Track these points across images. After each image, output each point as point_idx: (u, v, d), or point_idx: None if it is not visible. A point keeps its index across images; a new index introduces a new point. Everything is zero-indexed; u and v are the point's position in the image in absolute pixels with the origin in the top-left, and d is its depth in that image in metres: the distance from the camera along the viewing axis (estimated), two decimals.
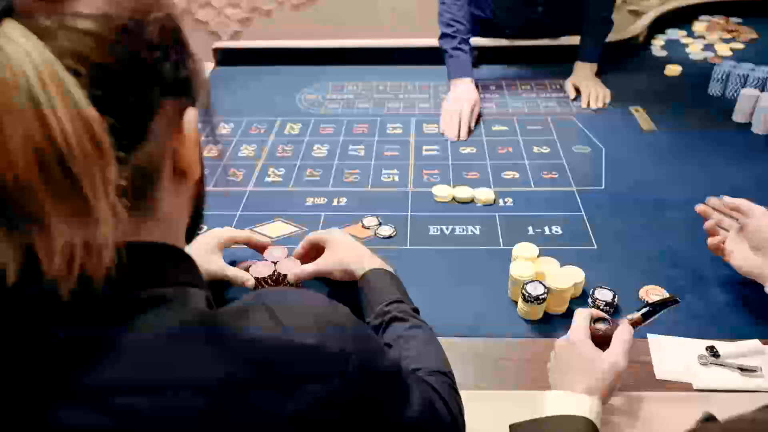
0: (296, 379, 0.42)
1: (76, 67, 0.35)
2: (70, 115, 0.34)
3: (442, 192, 1.18)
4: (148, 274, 0.43)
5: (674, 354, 0.82)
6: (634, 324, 0.74)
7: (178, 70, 0.43)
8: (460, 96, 1.46)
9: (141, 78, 0.39)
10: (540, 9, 1.64)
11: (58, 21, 0.36)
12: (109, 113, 0.36)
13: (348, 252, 0.88)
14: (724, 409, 0.51)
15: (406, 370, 0.56)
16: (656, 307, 0.76)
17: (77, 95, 0.34)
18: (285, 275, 0.92)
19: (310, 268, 0.89)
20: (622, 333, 0.71)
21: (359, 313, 0.84)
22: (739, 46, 1.83)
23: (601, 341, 0.72)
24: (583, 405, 0.66)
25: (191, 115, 0.45)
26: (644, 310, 0.76)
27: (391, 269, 0.87)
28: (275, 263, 0.94)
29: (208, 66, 1.81)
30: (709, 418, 0.61)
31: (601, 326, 0.73)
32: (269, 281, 0.93)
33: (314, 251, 0.95)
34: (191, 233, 0.53)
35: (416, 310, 0.81)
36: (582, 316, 0.74)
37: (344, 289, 0.93)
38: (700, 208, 0.95)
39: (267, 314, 0.44)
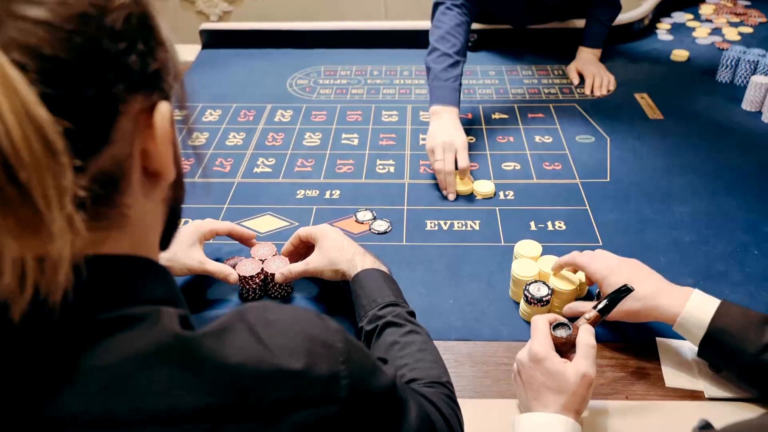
0: (282, 408, 0.39)
1: (24, 61, 0.31)
2: (17, 116, 0.30)
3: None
4: (115, 292, 0.38)
5: (685, 360, 0.78)
6: (593, 322, 0.71)
7: (146, 62, 0.38)
8: (454, 139, 1.12)
9: (102, 72, 0.35)
10: (551, 3, 1.57)
11: (5, 8, 0.32)
12: (65, 113, 0.32)
13: (338, 250, 0.83)
14: (738, 419, 0.47)
15: (401, 385, 0.53)
16: (611, 300, 0.72)
17: (25, 93, 0.30)
18: (272, 275, 0.87)
19: (299, 267, 0.84)
20: (586, 338, 0.67)
21: (353, 314, 0.80)
22: (747, 29, 1.77)
23: (565, 348, 0.68)
24: (560, 425, 0.62)
25: (163, 110, 0.40)
26: (600, 305, 0.72)
27: (384, 268, 0.83)
28: (262, 261, 0.89)
29: (195, 49, 1.73)
30: (706, 426, 0.57)
31: (562, 333, 0.69)
32: (256, 280, 0.88)
33: (304, 247, 0.90)
34: (167, 239, 0.48)
35: (412, 314, 0.77)
36: (541, 325, 0.69)
37: (336, 288, 0.89)
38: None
39: (249, 334, 0.40)
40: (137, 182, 0.40)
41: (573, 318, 0.82)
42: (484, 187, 1.11)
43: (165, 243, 0.48)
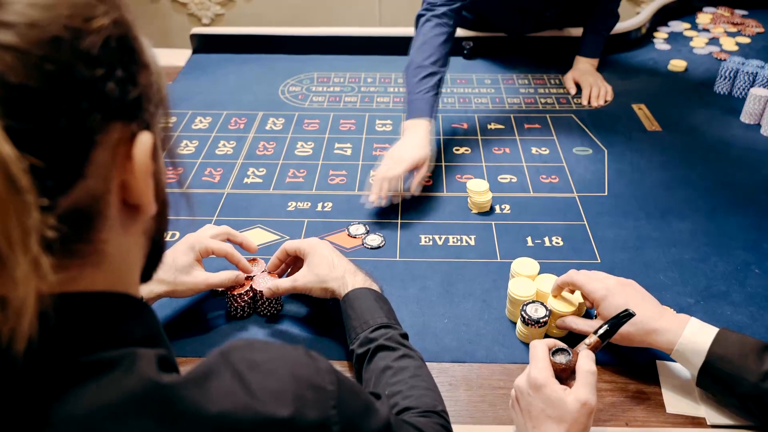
0: None
1: None
2: None
3: (479, 187, 1.07)
4: (88, 333, 0.35)
5: (686, 383, 0.76)
6: (594, 348, 0.69)
7: (125, 89, 0.35)
8: (403, 154, 1.07)
9: (75, 102, 0.32)
10: (548, 13, 1.54)
11: None
12: (32, 147, 0.30)
13: (328, 267, 0.80)
14: None
15: (395, 422, 0.50)
16: (612, 325, 0.70)
17: None
18: (261, 292, 0.84)
19: (287, 284, 0.82)
20: (586, 364, 0.65)
21: (344, 334, 0.77)
22: (745, 39, 1.76)
23: (564, 375, 0.66)
24: None
25: (144, 142, 0.37)
26: (601, 331, 0.70)
27: (376, 287, 0.80)
28: (251, 278, 0.86)
29: (185, 53, 1.70)
30: None
31: (562, 359, 0.67)
32: (245, 298, 0.85)
33: (292, 261, 0.88)
34: (149, 272, 0.45)
35: (405, 336, 0.75)
36: (541, 350, 0.67)
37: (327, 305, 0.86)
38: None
39: (234, 379, 0.38)
40: (115, 216, 0.37)
41: (569, 338, 0.80)
42: (480, 197, 1.07)
43: (147, 276, 0.45)
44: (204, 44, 1.70)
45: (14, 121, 0.29)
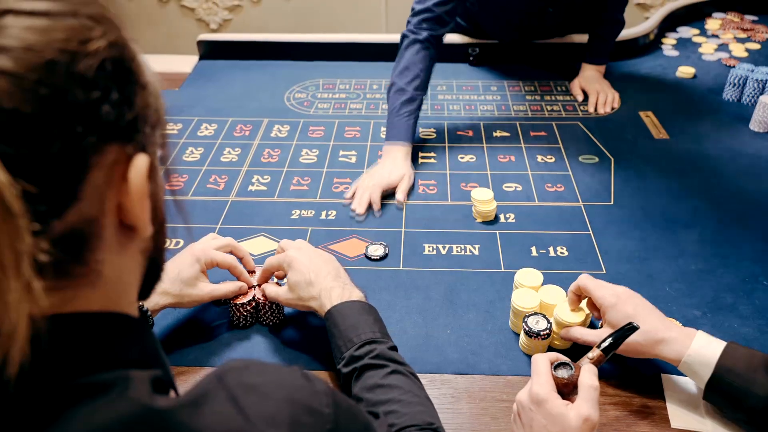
0: None
1: None
2: None
3: (484, 196, 1.07)
4: (82, 355, 0.35)
5: (691, 398, 0.75)
6: (597, 362, 0.68)
7: (121, 112, 0.35)
8: (383, 172, 1.14)
9: (70, 125, 0.32)
10: (550, 10, 1.53)
11: None
12: (25, 172, 0.30)
13: (306, 286, 0.78)
14: None
15: None
16: (616, 339, 0.69)
17: None
18: (263, 301, 0.84)
19: (272, 292, 0.82)
20: (588, 379, 0.65)
21: None
22: (755, 46, 1.74)
23: (567, 389, 0.66)
24: None
25: (139, 165, 0.36)
26: (604, 345, 0.69)
27: (357, 295, 0.77)
28: (253, 287, 0.86)
29: (192, 60, 1.70)
30: None
31: (564, 373, 0.66)
32: (248, 307, 0.85)
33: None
34: (146, 290, 0.45)
35: (393, 348, 0.72)
36: (542, 364, 0.66)
37: None
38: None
39: (228, 402, 0.37)
40: (111, 237, 0.37)
41: (574, 350, 0.80)
42: (485, 206, 1.07)
43: (145, 294, 0.45)
44: (211, 50, 1.71)
45: (7, 147, 0.29)
